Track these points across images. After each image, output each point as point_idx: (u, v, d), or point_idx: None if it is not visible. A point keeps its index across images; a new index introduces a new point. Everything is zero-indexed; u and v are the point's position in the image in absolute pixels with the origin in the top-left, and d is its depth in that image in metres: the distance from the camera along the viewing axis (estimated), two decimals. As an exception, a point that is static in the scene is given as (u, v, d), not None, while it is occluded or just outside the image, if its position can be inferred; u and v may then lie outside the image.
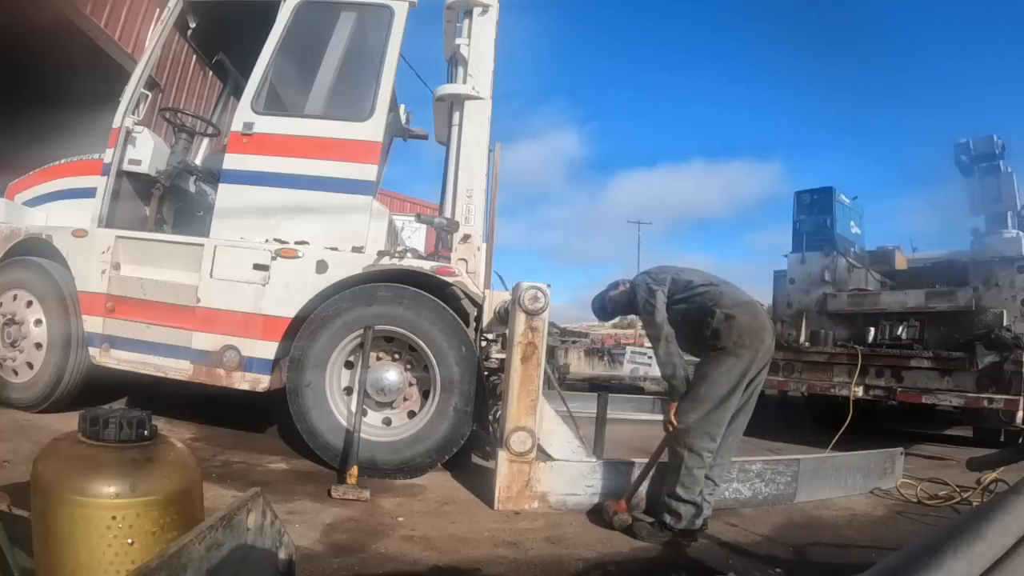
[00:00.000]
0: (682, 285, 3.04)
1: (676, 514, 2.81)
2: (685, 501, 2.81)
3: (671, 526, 2.80)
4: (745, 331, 2.84)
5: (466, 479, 3.49)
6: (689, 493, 2.81)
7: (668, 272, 3.11)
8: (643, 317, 3.10)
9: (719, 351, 2.85)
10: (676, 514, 2.81)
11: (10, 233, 4.06)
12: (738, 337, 2.82)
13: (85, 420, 1.31)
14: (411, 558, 2.40)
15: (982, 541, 0.95)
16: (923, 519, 3.52)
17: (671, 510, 2.82)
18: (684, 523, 2.80)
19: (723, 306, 2.90)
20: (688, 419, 2.83)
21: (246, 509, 1.24)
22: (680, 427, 2.84)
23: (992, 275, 5.98)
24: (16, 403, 3.83)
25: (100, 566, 1.21)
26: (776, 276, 7.81)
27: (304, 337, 3.47)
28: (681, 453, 2.84)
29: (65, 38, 6.84)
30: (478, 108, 3.91)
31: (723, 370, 2.82)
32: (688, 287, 3.02)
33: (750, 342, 2.83)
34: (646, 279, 3.10)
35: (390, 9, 3.78)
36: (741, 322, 2.85)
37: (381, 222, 3.74)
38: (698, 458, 2.83)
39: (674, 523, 2.80)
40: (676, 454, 2.88)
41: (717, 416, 2.83)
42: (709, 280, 3.06)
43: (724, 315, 2.86)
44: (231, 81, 4.99)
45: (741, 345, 2.82)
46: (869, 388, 5.94)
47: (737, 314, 2.87)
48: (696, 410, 2.83)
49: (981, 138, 7.40)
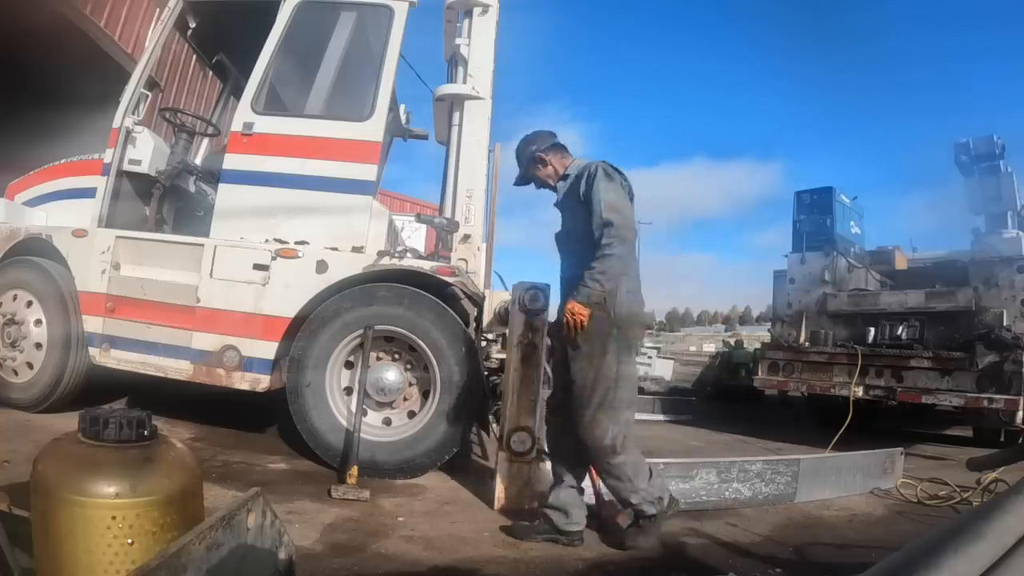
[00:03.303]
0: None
1: (656, 499, 2.64)
2: (651, 484, 2.66)
3: (659, 511, 2.64)
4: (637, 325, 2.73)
5: (466, 479, 3.49)
6: (646, 478, 2.65)
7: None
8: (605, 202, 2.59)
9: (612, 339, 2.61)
10: (656, 499, 2.64)
11: (10, 233, 4.05)
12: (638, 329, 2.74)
13: (85, 420, 1.31)
14: (411, 558, 2.40)
15: (982, 541, 0.95)
16: (923, 519, 3.52)
17: (650, 499, 2.63)
18: (667, 499, 2.69)
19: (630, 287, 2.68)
20: (615, 429, 2.59)
21: (246, 509, 1.24)
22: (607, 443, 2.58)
23: (992, 275, 5.98)
24: (16, 403, 3.83)
25: (100, 566, 1.21)
26: (776, 276, 7.82)
27: (304, 337, 3.47)
28: (620, 460, 2.60)
29: (65, 38, 6.84)
30: (478, 108, 3.92)
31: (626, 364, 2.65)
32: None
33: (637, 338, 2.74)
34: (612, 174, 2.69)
35: (390, 9, 3.78)
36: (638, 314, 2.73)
37: (381, 222, 3.74)
38: (634, 450, 2.67)
39: (660, 507, 2.65)
40: (615, 466, 2.61)
41: (630, 412, 2.70)
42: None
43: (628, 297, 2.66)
44: (231, 81, 4.99)
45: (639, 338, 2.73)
46: (869, 388, 5.95)
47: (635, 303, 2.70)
48: (615, 416, 2.61)
49: (981, 138, 7.40)
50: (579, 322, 2.58)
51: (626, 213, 2.61)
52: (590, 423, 2.60)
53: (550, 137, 2.92)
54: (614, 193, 2.61)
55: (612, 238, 2.54)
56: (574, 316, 2.58)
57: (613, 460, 2.60)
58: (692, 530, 3.00)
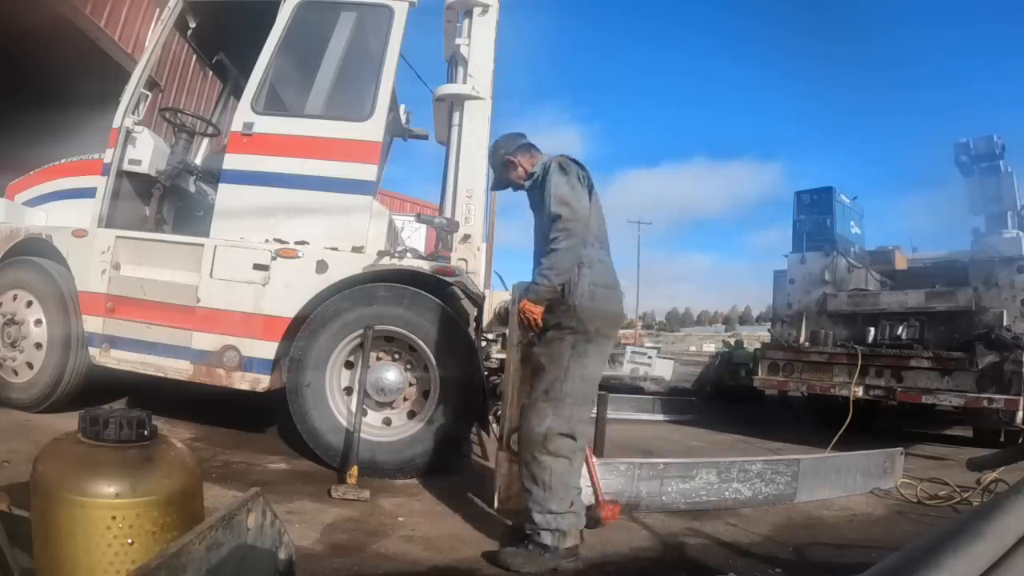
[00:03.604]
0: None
1: (558, 531, 2.39)
2: (564, 513, 2.42)
3: (554, 547, 2.38)
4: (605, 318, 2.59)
5: (466, 479, 3.49)
6: (566, 504, 2.44)
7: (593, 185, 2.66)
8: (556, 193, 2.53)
9: (569, 331, 2.52)
10: (558, 531, 2.39)
11: (10, 233, 4.06)
12: (601, 324, 2.57)
13: (85, 420, 1.32)
14: (411, 558, 2.40)
15: (982, 541, 0.95)
16: (923, 519, 3.52)
17: (552, 528, 2.39)
18: (570, 540, 2.41)
19: (594, 279, 2.59)
20: (549, 421, 2.47)
21: (246, 509, 1.24)
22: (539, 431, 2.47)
23: (992, 275, 5.98)
24: (16, 403, 3.83)
25: (100, 566, 1.21)
26: (776, 276, 7.82)
27: (304, 337, 3.47)
28: (545, 461, 2.44)
29: (65, 38, 6.84)
30: (478, 108, 3.92)
31: (587, 363, 2.54)
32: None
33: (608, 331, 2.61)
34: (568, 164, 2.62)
35: (390, 9, 3.78)
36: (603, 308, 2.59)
37: (381, 222, 3.74)
38: (566, 461, 2.48)
39: (557, 542, 2.38)
40: (537, 463, 2.45)
41: (582, 415, 2.58)
42: (600, 236, 2.69)
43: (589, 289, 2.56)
44: (231, 81, 4.99)
45: (604, 335, 2.58)
46: (869, 388, 5.94)
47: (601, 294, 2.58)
48: (558, 409, 2.49)
49: (981, 138, 7.39)
50: (533, 320, 2.58)
51: (576, 206, 2.51)
52: (529, 408, 2.55)
53: (518, 139, 2.90)
54: (565, 187, 2.54)
55: (558, 232, 2.48)
56: (526, 315, 2.58)
57: (538, 456, 2.45)
58: (692, 530, 3.00)
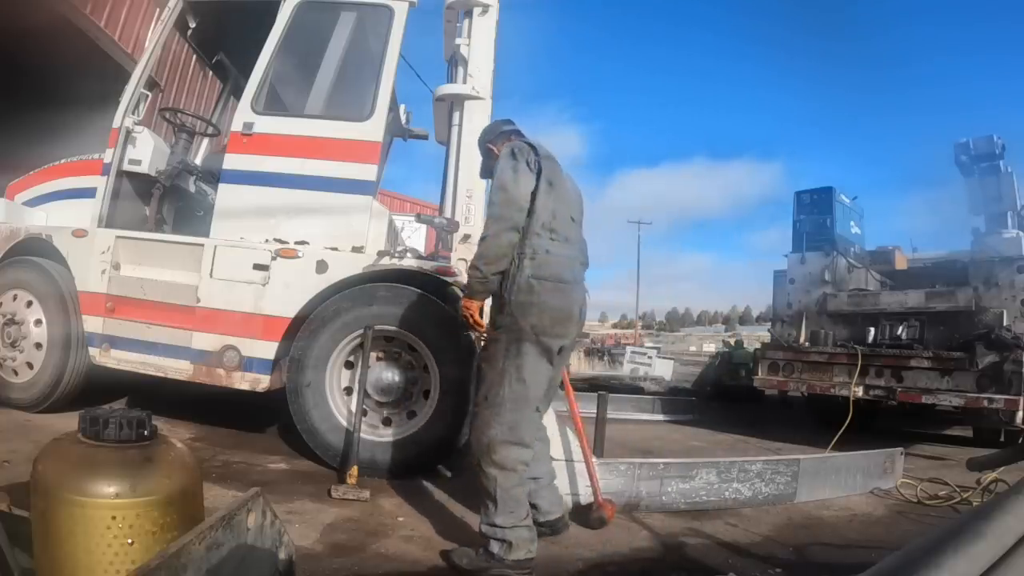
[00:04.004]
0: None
1: (505, 542, 2.27)
2: (514, 527, 2.29)
3: (500, 556, 2.26)
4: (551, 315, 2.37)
5: (466, 479, 3.47)
6: (515, 518, 2.30)
7: (551, 169, 2.45)
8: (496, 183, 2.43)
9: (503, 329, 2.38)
10: (505, 542, 2.27)
11: (10, 233, 4.06)
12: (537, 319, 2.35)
13: (85, 420, 1.32)
14: (411, 558, 2.40)
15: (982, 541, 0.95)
16: (923, 519, 3.52)
17: (499, 539, 2.28)
18: (520, 552, 2.27)
19: (535, 272, 2.36)
20: (491, 431, 2.33)
21: (246, 509, 1.24)
22: (483, 441, 2.34)
23: (992, 275, 5.98)
24: (16, 403, 3.83)
25: (100, 566, 1.21)
26: (776, 276, 7.82)
27: (304, 337, 3.47)
28: (491, 473, 2.32)
29: (64, 38, 6.84)
30: (478, 108, 3.91)
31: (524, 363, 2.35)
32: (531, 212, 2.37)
33: (555, 330, 2.39)
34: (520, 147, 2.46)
35: (390, 9, 3.78)
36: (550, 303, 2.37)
37: (381, 222, 3.74)
38: (513, 474, 2.34)
39: (503, 553, 2.26)
40: (484, 474, 2.33)
41: (526, 419, 2.39)
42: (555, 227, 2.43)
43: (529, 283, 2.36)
44: (231, 81, 4.99)
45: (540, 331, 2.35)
46: (869, 388, 5.93)
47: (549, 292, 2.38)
48: (499, 416, 2.33)
49: (981, 138, 7.39)
50: (471, 318, 2.50)
51: (513, 192, 2.35)
52: (474, 416, 2.47)
53: (500, 125, 2.82)
54: (508, 171, 2.39)
55: (488, 219, 2.39)
56: (464, 314, 2.52)
57: (484, 467, 2.33)
58: (692, 530, 3.00)
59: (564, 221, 2.48)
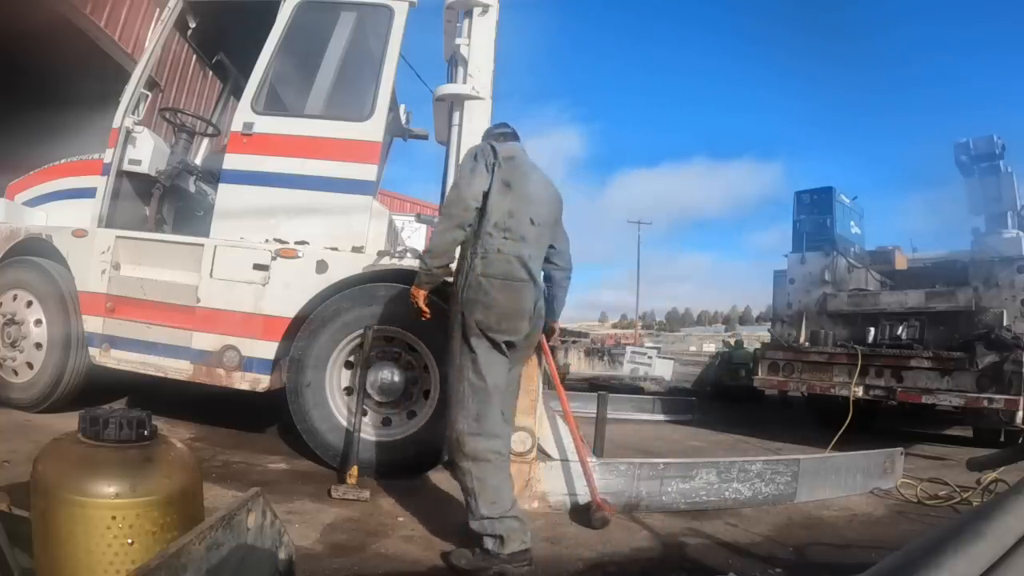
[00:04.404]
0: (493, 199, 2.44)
1: (497, 536, 2.30)
2: (502, 518, 2.32)
3: (496, 552, 2.29)
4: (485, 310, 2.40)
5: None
6: (500, 508, 2.33)
7: (511, 170, 2.49)
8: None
9: (456, 325, 2.46)
10: (497, 536, 2.30)
11: (10, 233, 4.06)
12: (483, 316, 2.39)
13: (85, 420, 1.32)
14: (411, 558, 2.40)
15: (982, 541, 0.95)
16: (923, 519, 3.52)
17: (491, 534, 2.31)
18: (514, 544, 2.30)
19: (484, 270, 2.41)
20: (458, 425, 2.39)
21: (246, 509, 1.24)
22: (453, 436, 2.41)
23: (992, 275, 5.98)
24: (16, 403, 3.83)
25: (100, 566, 1.21)
26: (776, 276, 7.82)
27: (304, 337, 3.47)
28: (465, 466, 2.38)
29: (64, 38, 6.84)
30: (478, 108, 3.91)
31: (478, 357, 2.41)
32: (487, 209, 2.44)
33: (501, 326, 2.41)
34: (485, 145, 2.54)
35: (390, 9, 3.78)
36: (497, 300, 2.40)
37: (381, 222, 3.74)
38: (487, 464, 2.38)
39: (498, 548, 2.29)
40: (459, 469, 2.40)
41: (491, 410, 2.42)
42: (511, 227, 2.45)
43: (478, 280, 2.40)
44: (231, 81, 4.99)
45: (486, 327, 2.39)
46: (869, 388, 5.94)
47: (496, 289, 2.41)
48: (464, 410, 2.40)
49: (981, 138, 7.40)
50: (415, 304, 2.59)
51: (463, 190, 2.42)
52: (446, 411, 2.54)
53: (493, 128, 2.87)
54: (465, 170, 2.48)
55: (439, 215, 2.48)
56: (411, 300, 2.61)
57: (459, 462, 2.39)
58: (692, 530, 3.00)
59: (522, 221, 2.50)
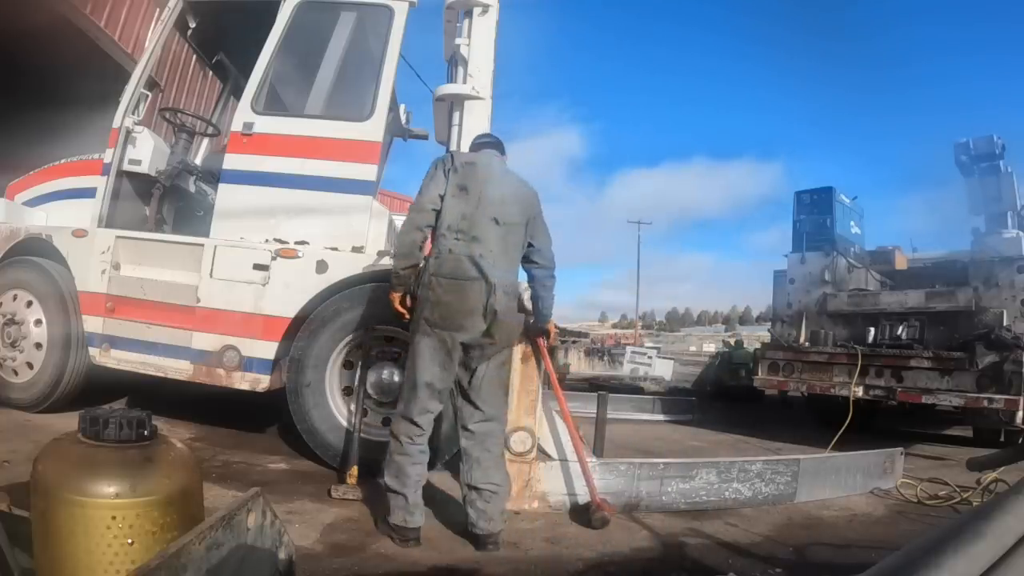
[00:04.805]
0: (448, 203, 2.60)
1: (388, 505, 2.56)
2: (392, 491, 2.54)
3: (385, 517, 2.58)
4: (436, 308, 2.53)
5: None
6: (398, 483, 2.52)
7: (468, 175, 2.64)
8: None
9: (413, 321, 2.64)
10: (388, 505, 2.56)
11: (10, 233, 4.06)
12: (430, 313, 2.53)
13: (85, 420, 1.32)
14: (411, 558, 2.40)
15: (982, 541, 0.95)
16: (923, 519, 3.52)
17: (388, 501, 2.58)
18: (397, 518, 2.51)
19: (435, 270, 2.55)
20: (398, 407, 2.66)
21: (246, 509, 1.24)
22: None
23: (992, 275, 5.98)
24: (16, 403, 3.83)
25: (100, 566, 1.21)
26: (776, 276, 7.82)
27: (304, 337, 3.47)
28: (390, 442, 2.64)
29: (64, 38, 6.85)
30: (478, 108, 3.91)
31: (417, 351, 2.58)
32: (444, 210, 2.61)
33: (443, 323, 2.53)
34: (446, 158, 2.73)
35: (390, 9, 3.78)
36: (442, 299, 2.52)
37: (381, 222, 3.74)
38: (397, 443, 2.57)
39: (389, 515, 2.55)
40: (389, 451, 2.64)
41: (416, 399, 2.57)
42: (463, 228, 2.58)
43: (429, 279, 2.55)
44: (231, 81, 4.99)
45: (433, 324, 2.53)
46: (869, 388, 5.94)
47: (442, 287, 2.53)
48: (404, 394, 2.64)
49: (981, 138, 7.39)
50: (393, 308, 2.75)
51: (422, 196, 2.64)
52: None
53: (477, 138, 3.06)
54: (425, 179, 2.69)
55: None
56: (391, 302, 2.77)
57: (390, 445, 2.62)
58: (692, 530, 3.00)
59: (478, 223, 2.60)
